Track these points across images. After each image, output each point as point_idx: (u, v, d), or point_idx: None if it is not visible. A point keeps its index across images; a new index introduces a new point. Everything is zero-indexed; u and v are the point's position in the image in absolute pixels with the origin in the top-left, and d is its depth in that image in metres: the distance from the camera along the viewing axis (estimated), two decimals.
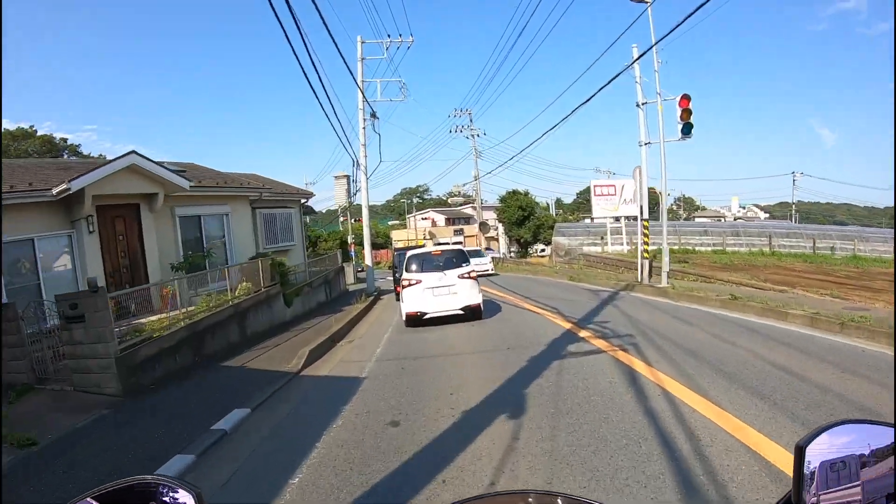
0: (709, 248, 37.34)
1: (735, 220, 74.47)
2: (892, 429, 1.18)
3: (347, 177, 33.47)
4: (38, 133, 50.58)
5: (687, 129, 18.68)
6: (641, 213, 20.51)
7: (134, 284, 14.59)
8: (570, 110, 22.11)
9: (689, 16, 11.59)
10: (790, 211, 79.00)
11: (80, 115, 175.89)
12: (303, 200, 25.20)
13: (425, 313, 13.50)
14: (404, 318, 13.83)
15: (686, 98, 18.63)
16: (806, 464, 1.19)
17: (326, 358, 11.33)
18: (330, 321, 15.97)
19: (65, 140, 54.53)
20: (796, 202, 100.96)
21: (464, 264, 13.99)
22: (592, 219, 67.79)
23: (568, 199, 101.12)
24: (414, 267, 14.00)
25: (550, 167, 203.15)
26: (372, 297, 22.99)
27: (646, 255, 20.49)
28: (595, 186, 34.74)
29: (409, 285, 13.68)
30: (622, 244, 35.24)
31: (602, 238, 38.02)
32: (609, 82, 18.77)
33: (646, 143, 20.33)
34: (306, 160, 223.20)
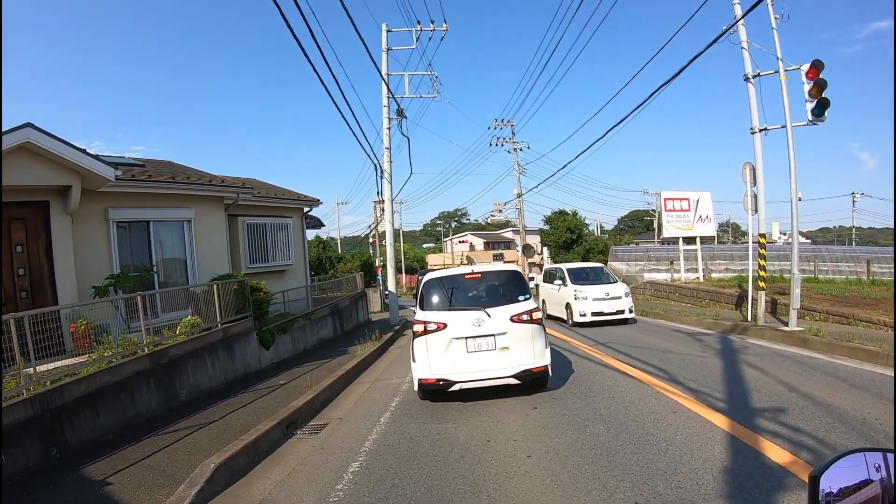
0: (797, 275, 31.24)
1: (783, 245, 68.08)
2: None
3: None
4: None
5: (819, 110, 13.18)
6: (751, 227, 15.06)
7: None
8: (619, 118, 16.73)
9: None
10: (850, 235, 73.21)
11: (129, 137, 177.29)
12: (306, 209, 20.04)
13: (452, 382, 7.87)
14: (416, 386, 8.25)
15: (816, 67, 13.16)
16: (820, 492, 1.42)
17: (244, 485, 5.83)
18: (314, 376, 10.66)
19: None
20: (838, 227, 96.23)
21: (520, 297, 8.35)
22: (637, 243, 62.57)
23: (608, 226, 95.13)
24: (435, 299, 8.42)
25: (597, 187, 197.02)
26: (391, 334, 17.75)
27: (762, 284, 14.90)
28: (666, 200, 28.85)
29: (425, 333, 8.06)
30: (697, 271, 29.25)
31: (672, 263, 31.97)
32: (708, 47, 13.60)
33: (760, 130, 14.79)
34: (343, 178, 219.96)
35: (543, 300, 20.72)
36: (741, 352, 11.24)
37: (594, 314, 17.14)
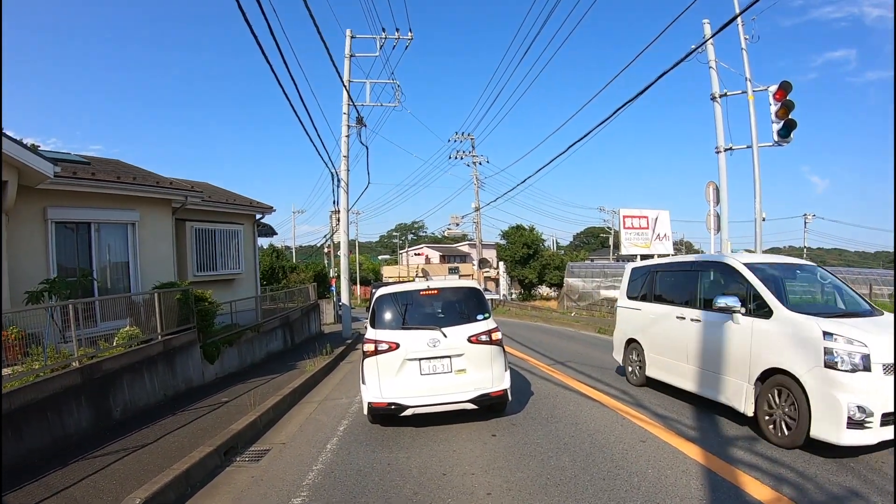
0: None
1: None
2: None
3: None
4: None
5: (785, 131, 13.42)
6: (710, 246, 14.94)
7: None
8: (582, 133, 16.47)
9: None
10: (801, 255, 74.90)
11: (87, 136, 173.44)
12: (258, 216, 19.33)
13: (404, 407, 7.35)
14: (366, 410, 7.66)
15: (783, 88, 13.26)
16: None
17: None
18: (259, 394, 10.08)
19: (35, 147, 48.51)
20: (787, 247, 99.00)
21: (479, 316, 7.86)
22: (592, 259, 62.72)
23: (563, 242, 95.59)
24: (388, 317, 7.86)
25: (554, 203, 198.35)
26: (343, 347, 17.16)
27: None
28: (625, 217, 28.88)
29: (376, 353, 7.53)
30: None
31: None
32: (676, 64, 13.23)
33: (726, 150, 14.79)
34: (300, 187, 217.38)
35: (632, 343, 10.13)
36: None
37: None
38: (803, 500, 4.65)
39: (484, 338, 7.53)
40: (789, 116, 13.19)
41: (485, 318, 7.81)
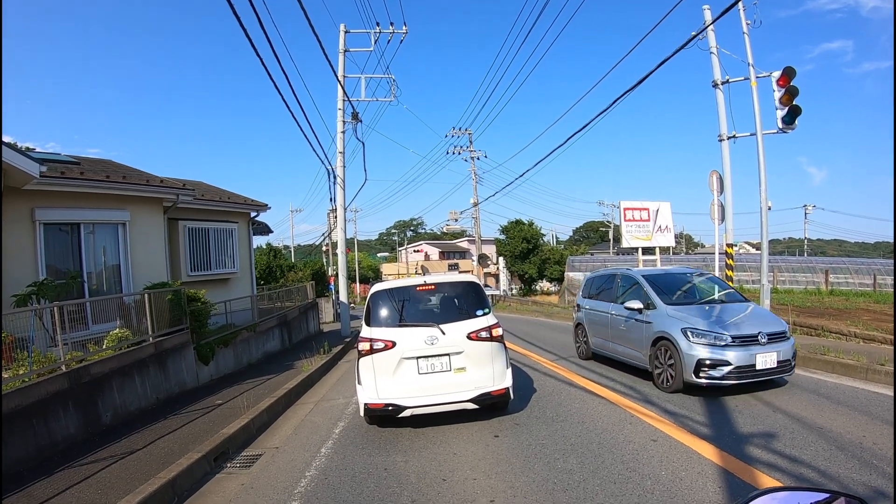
0: (757, 286, 31.31)
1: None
2: (818, 494, 1.38)
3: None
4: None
5: (790, 117, 13.19)
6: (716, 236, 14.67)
7: None
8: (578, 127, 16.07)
9: None
10: (800, 246, 75.58)
11: (86, 139, 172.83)
12: (253, 214, 19.00)
13: (402, 408, 7.05)
14: (362, 411, 7.38)
15: (787, 74, 13.00)
16: None
17: None
18: (254, 395, 9.82)
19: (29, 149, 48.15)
20: (787, 238, 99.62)
21: (479, 311, 7.53)
22: (593, 253, 62.49)
23: (563, 236, 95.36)
24: (383, 314, 7.56)
25: (553, 198, 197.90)
26: (341, 346, 16.95)
27: None
28: (626, 210, 28.28)
29: (371, 352, 7.24)
30: None
31: None
32: (677, 51, 12.85)
33: (729, 137, 14.50)
34: (298, 186, 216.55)
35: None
36: None
37: None
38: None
39: (484, 334, 7.22)
40: (794, 103, 12.94)
41: (485, 314, 7.49)
